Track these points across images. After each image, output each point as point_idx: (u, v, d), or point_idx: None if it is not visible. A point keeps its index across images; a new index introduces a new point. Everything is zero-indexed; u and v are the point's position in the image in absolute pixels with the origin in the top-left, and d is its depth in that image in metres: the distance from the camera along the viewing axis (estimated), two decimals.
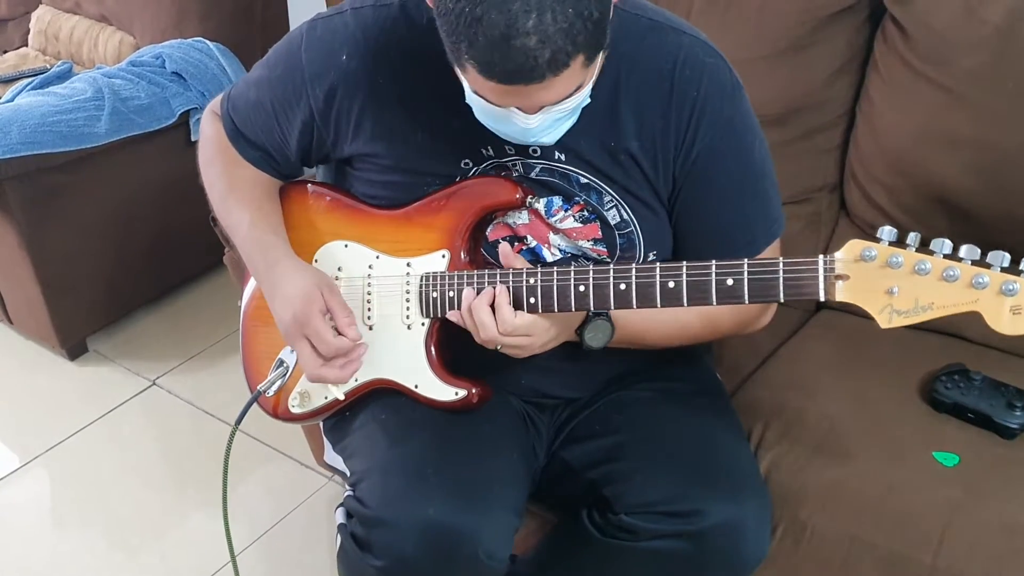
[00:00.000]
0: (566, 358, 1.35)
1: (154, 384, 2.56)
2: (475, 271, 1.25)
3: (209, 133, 1.47)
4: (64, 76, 2.70)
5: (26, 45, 3.10)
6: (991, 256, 0.98)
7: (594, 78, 1.14)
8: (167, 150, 2.59)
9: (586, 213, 1.31)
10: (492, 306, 1.21)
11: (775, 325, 1.77)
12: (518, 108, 1.11)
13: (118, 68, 2.59)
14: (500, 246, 1.25)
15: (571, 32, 1.01)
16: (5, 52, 3.10)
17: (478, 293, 1.23)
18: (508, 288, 1.21)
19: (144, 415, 2.47)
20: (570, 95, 1.10)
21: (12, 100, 2.53)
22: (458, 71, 1.11)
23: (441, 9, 1.04)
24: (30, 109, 2.35)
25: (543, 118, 1.12)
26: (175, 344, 2.68)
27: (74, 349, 2.65)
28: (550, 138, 1.18)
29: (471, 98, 1.15)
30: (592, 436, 1.37)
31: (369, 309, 1.34)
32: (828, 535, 1.36)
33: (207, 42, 2.66)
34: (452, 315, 1.26)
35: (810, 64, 1.76)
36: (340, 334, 1.29)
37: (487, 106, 1.13)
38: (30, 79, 2.67)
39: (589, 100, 1.18)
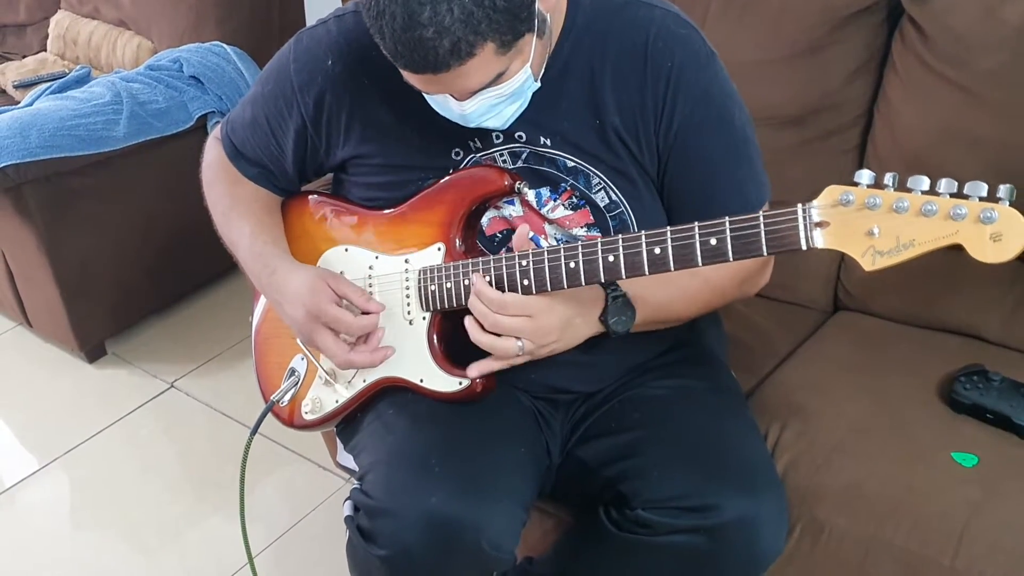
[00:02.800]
0: (576, 351, 1.36)
1: (172, 387, 2.57)
2: (470, 260, 1.27)
3: (211, 157, 1.52)
4: (83, 80, 2.72)
5: (45, 50, 3.13)
6: (968, 187, 0.96)
7: (530, 61, 1.16)
8: (185, 153, 2.57)
9: (575, 199, 1.32)
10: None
11: (792, 326, 1.79)
12: (450, 95, 1.15)
13: (136, 72, 2.61)
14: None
15: (470, 21, 1.05)
16: (24, 57, 3.13)
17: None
18: (490, 270, 1.24)
19: (162, 417, 2.48)
20: (496, 80, 1.13)
21: (31, 104, 2.55)
22: None
23: (361, 5, 1.11)
24: (49, 113, 2.37)
25: (477, 103, 1.16)
26: (193, 347, 2.70)
27: (93, 352, 2.67)
28: (496, 122, 1.21)
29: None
30: (608, 433, 1.38)
31: None
32: (846, 535, 1.36)
33: (224, 46, 2.68)
34: (481, 368, 1.26)
35: (828, 65, 1.76)
36: (363, 313, 1.31)
37: (426, 95, 1.18)
38: (49, 83, 2.70)
39: (538, 85, 1.21)
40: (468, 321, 1.24)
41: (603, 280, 1.18)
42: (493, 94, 1.16)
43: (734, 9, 1.83)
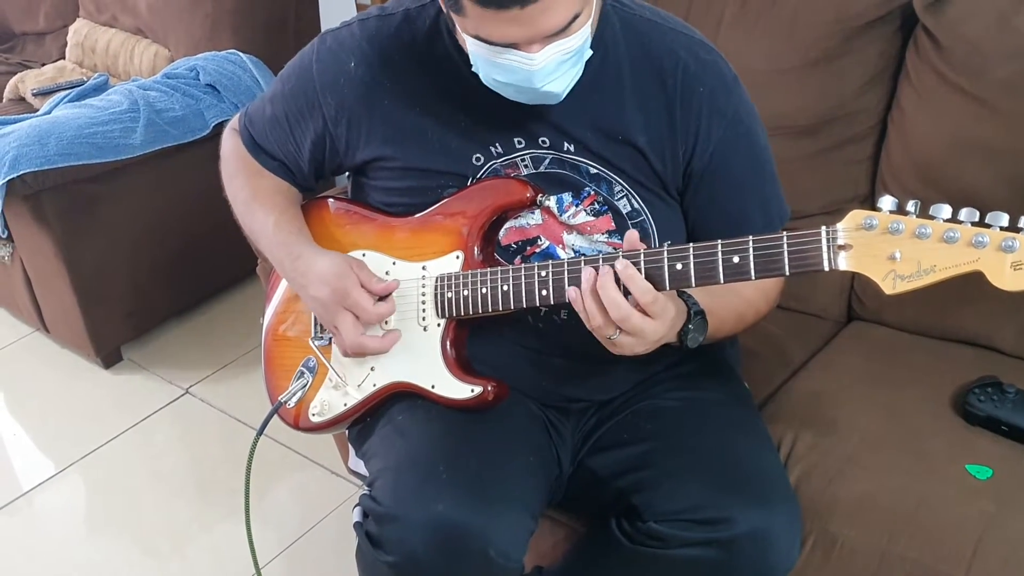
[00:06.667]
0: (584, 360, 1.37)
1: (187, 392, 2.59)
2: (488, 268, 1.28)
3: (229, 149, 1.53)
4: (100, 88, 2.74)
5: (64, 58, 3.15)
6: (990, 217, 0.99)
7: (592, 18, 1.18)
8: (201, 161, 2.59)
9: (597, 205, 1.33)
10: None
11: (806, 336, 1.79)
12: (519, 48, 1.14)
13: (153, 80, 2.63)
14: (628, 233, 1.21)
15: None
16: (43, 65, 3.15)
17: (490, 290, 1.26)
18: (508, 280, 1.24)
19: (177, 423, 2.50)
20: (569, 27, 1.13)
21: (50, 112, 2.57)
22: (458, 23, 1.17)
23: None
24: (67, 121, 2.39)
25: (546, 57, 1.15)
26: (208, 353, 2.71)
27: (109, 357, 2.69)
28: (558, 86, 1.20)
29: (474, 53, 1.19)
30: (620, 444, 1.38)
31: None
32: (858, 548, 1.35)
33: (240, 54, 2.69)
34: (571, 291, 1.19)
35: (842, 74, 1.76)
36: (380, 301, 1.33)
37: (490, 57, 1.16)
38: (67, 91, 2.71)
39: (591, 52, 1.22)
40: (573, 292, 1.18)
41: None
42: (561, 49, 1.15)
43: (747, 18, 1.83)
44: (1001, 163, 1.60)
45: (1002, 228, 0.99)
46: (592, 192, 1.32)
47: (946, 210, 1.01)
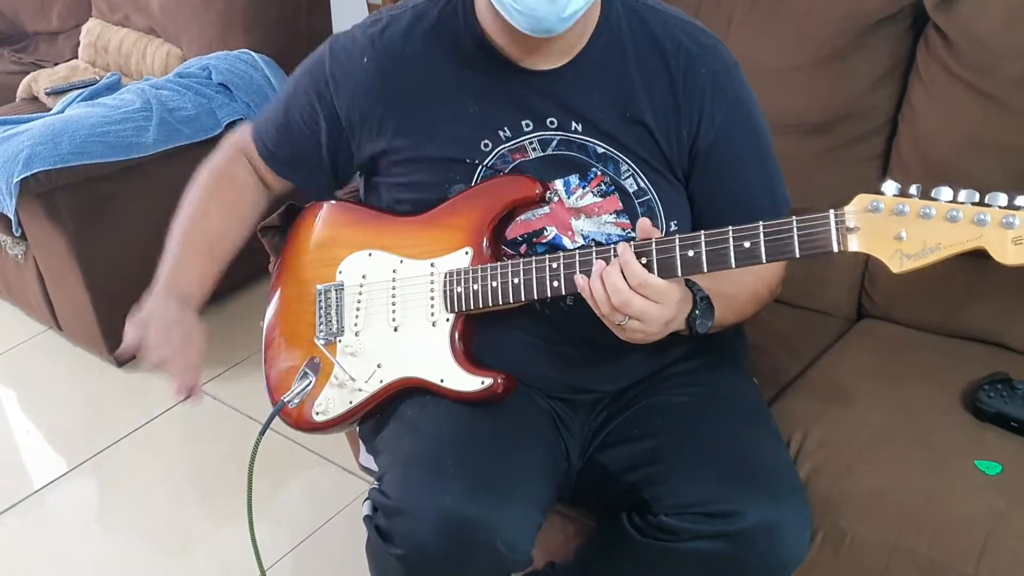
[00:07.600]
0: (591, 347, 1.38)
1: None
2: (498, 263, 1.30)
3: (217, 162, 1.60)
4: (113, 88, 2.75)
5: (76, 57, 3.17)
6: (989, 197, 1.04)
7: None
8: None
9: (604, 186, 1.35)
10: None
11: (815, 333, 1.79)
12: None
13: (165, 80, 2.64)
14: (640, 221, 1.22)
15: None
16: (56, 64, 3.17)
17: (501, 284, 1.28)
18: (519, 272, 1.27)
19: (189, 421, 2.51)
20: None
21: (63, 111, 2.59)
22: None
23: None
24: (80, 120, 2.41)
25: None
26: (221, 351, 2.72)
27: (121, 355, 2.70)
28: (575, 5, 1.19)
29: None
30: (629, 439, 1.38)
31: (394, 311, 1.39)
32: (868, 543, 1.35)
33: (252, 53, 2.71)
34: (579, 279, 1.21)
35: (852, 72, 1.76)
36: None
37: None
38: (80, 91, 2.73)
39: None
40: (581, 280, 1.21)
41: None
42: None
43: (758, 16, 1.83)
44: (1011, 160, 1.60)
45: (1000, 207, 1.03)
46: (599, 173, 1.34)
47: (946, 192, 1.06)
